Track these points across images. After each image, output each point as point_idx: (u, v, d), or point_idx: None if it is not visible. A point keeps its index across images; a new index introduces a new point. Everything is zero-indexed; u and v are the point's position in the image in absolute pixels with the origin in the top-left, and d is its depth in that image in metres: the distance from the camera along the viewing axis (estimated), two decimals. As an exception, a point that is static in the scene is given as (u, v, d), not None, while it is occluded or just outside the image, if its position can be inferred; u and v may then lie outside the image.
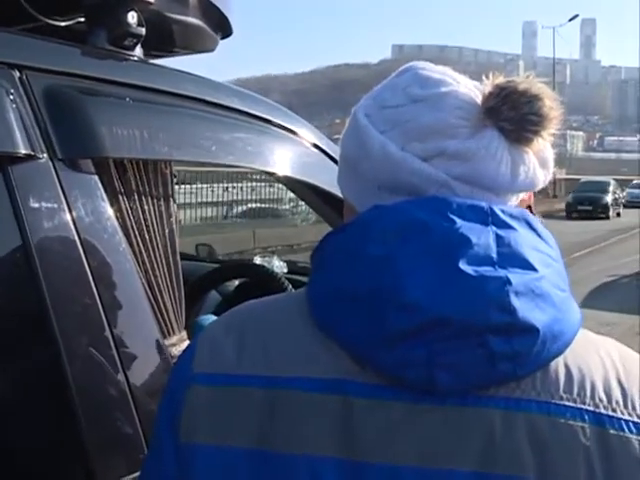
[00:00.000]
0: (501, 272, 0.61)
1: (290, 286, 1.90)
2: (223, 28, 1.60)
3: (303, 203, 2.07)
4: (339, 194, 0.78)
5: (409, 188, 0.67)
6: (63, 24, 1.33)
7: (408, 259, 0.61)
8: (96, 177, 1.07)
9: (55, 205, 0.99)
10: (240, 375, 0.65)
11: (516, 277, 0.61)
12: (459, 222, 0.62)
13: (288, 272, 2.57)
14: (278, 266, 2.54)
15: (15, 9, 1.20)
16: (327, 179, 1.52)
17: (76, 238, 1.00)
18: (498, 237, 0.63)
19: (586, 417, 0.61)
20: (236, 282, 2.24)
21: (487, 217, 0.64)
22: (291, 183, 1.80)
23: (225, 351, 0.67)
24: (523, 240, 0.64)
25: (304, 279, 2.14)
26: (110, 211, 1.08)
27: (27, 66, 1.03)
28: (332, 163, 1.58)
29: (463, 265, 0.60)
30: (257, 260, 2.62)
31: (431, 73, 0.71)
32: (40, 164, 0.99)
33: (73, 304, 0.99)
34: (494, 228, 0.63)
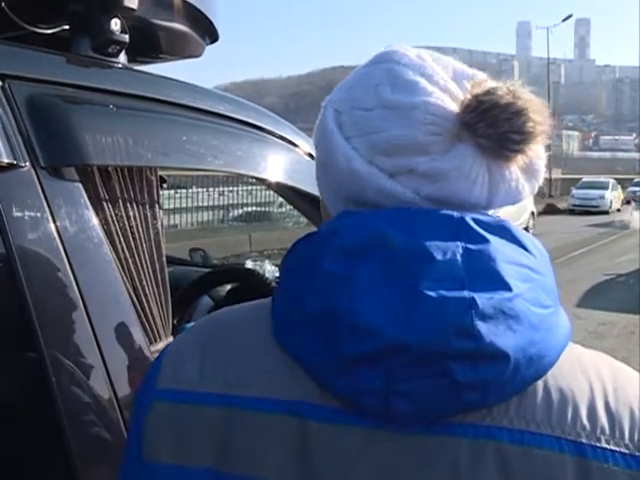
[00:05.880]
0: (466, 293, 0.55)
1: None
2: (209, 33, 1.60)
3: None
4: None
5: (375, 204, 0.63)
6: (48, 32, 1.33)
7: (366, 279, 0.57)
8: (80, 185, 1.07)
9: (38, 214, 0.99)
10: (199, 392, 0.62)
11: (483, 298, 0.55)
12: (423, 237, 0.58)
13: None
14: (270, 270, 2.54)
15: (-1, 17, 1.20)
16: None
17: (60, 246, 1.00)
18: (468, 252, 0.57)
19: (565, 448, 0.55)
20: (228, 287, 2.24)
21: (456, 230, 0.59)
22: (281, 189, 1.79)
23: (189, 366, 0.64)
24: (498, 254, 0.58)
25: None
26: (94, 219, 1.08)
27: (9, 75, 1.03)
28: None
29: (423, 286, 0.55)
30: (249, 264, 2.62)
31: (406, 70, 0.64)
32: (22, 172, 0.99)
33: (57, 312, 0.99)
34: (463, 243, 0.58)
